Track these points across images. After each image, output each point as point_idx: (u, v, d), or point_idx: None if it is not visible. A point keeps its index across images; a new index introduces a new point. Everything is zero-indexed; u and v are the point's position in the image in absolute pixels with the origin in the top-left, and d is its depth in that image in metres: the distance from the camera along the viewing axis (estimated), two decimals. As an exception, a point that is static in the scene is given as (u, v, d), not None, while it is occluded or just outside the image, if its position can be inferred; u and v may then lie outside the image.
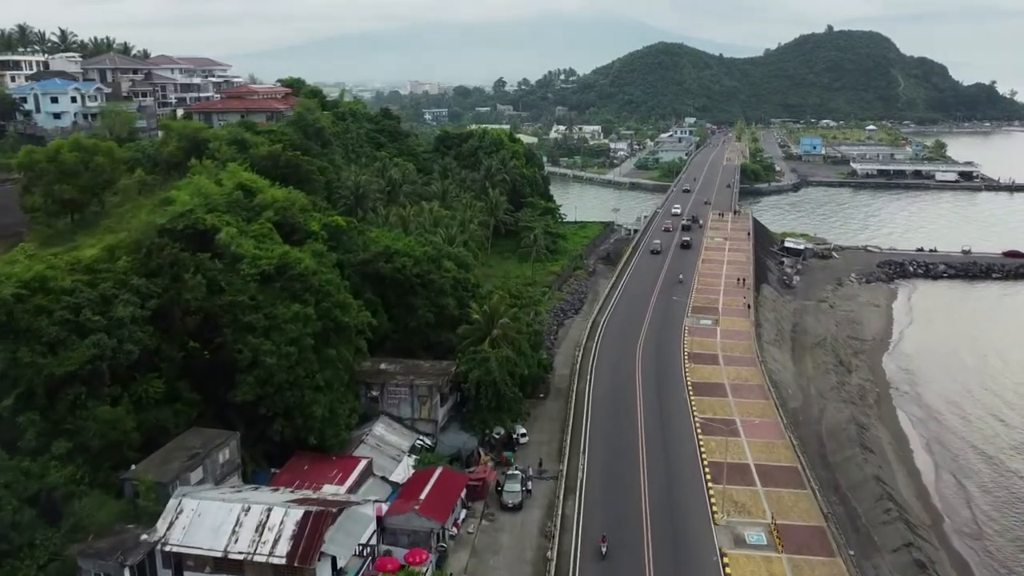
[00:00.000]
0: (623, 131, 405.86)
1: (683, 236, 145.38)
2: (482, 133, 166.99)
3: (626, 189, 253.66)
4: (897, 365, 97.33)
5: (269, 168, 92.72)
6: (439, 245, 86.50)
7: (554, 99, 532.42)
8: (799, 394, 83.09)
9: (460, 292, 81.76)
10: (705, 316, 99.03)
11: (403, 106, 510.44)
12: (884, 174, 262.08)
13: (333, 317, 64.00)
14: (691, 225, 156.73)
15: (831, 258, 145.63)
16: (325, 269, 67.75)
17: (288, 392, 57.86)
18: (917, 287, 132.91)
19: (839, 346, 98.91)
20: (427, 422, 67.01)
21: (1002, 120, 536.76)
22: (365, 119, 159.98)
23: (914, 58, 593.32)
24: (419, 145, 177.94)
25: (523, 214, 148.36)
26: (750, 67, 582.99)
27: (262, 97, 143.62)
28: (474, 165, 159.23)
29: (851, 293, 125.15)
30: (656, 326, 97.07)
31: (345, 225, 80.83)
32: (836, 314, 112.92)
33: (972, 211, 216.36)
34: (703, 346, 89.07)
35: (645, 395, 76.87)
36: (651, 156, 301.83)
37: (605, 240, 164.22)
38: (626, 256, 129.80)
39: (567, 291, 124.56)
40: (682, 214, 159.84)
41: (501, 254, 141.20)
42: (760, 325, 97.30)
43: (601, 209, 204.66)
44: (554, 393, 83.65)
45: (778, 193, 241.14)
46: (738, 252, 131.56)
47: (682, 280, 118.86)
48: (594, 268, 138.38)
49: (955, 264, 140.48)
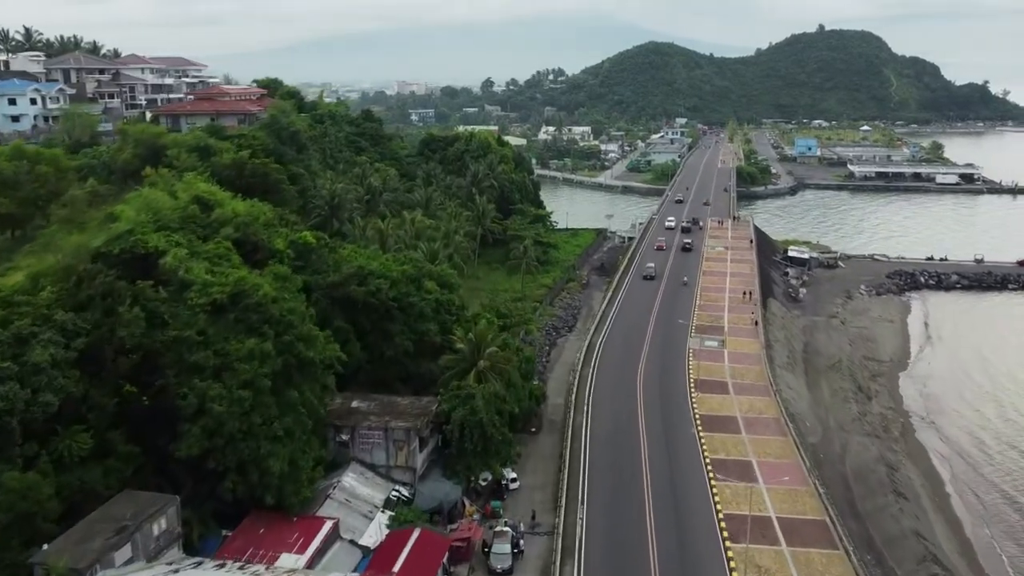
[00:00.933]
0: (613, 132, 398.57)
1: (684, 239, 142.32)
2: (469, 136, 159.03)
3: (618, 193, 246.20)
4: (918, 390, 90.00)
5: (233, 177, 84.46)
6: (420, 263, 78.45)
7: (543, 99, 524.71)
8: (818, 427, 75.53)
9: (443, 316, 73.77)
10: (711, 336, 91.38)
11: (389, 107, 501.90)
12: (883, 176, 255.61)
13: (296, 352, 55.86)
14: (691, 227, 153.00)
15: (837, 268, 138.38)
16: (288, 295, 59.58)
17: (241, 443, 49.75)
18: (930, 299, 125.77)
19: (855, 369, 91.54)
20: (404, 470, 58.97)
21: (995, 120, 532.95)
22: (345, 122, 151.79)
23: (906, 58, 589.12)
24: (403, 148, 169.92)
25: (512, 222, 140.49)
26: (741, 67, 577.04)
27: (234, 99, 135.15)
28: (460, 170, 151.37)
29: (862, 307, 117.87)
30: (657, 348, 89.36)
31: (314, 242, 72.71)
32: (849, 331, 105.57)
33: (976, 215, 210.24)
34: (710, 372, 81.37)
35: (649, 432, 69.09)
36: (643, 158, 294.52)
37: (598, 249, 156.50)
38: (622, 268, 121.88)
39: (560, 306, 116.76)
40: (676, 227, 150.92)
41: (489, 264, 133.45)
42: (771, 346, 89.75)
43: (593, 215, 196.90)
44: (547, 426, 75.88)
45: (775, 197, 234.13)
46: (741, 263, 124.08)
47: (687, 282, 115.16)
48: (588, 280, 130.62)
49: (968, 274, 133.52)
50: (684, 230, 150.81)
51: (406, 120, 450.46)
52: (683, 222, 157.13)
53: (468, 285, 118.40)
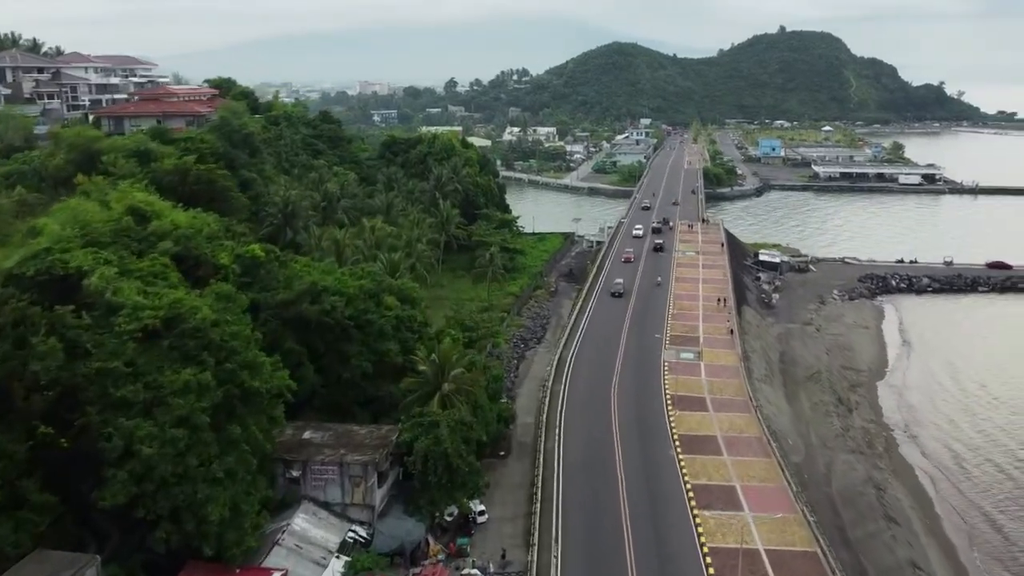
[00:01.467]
0: (578, 133, 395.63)
1: (655, 239, 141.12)
2: (431, 138, 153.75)
3: (584, 195, 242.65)
4: (897, 400, 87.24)
5: (175, 185, 78.44)
6: (379, 276, 73.22)
7: (507, 100, 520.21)
8: (800, 444, 71.96)
9: (404, 334, 68.70)
10: (686, 348, 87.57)
11: (350, 107, 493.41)
12: (847, 177, 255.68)
13: (239, 382, 50.32)
14: (661, 228, 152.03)
15: (809, 271, 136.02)
16: (232, 317, 54.01)
17: (175, 488, 44.22)
18: (903, 303, 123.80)
19: (834, 379, 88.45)
20: (362, 508, 53.82)
21: (951, 120, 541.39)
22: (302, 123, 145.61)
23: (865, 59, 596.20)
24: (364, 150, 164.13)
25: (477, 227, 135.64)
26: (704, 67, 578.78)
27: (182, 99, 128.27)
28: (423, 173, 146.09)
29: (836, 312, 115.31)
30: (631, 361, 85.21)
31: (264, 256, 67.09)
32: (824, 339, 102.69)
33: (939, 216, 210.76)
34: (687, 387, 77.41)
35: (625, 455, 64.76)
36: (609, 159, 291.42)
37: (566, 254, 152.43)
38: (591, 277, 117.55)
39: (528, 315, 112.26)
40: (644, 235, 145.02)
41: (454, 272, 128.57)
42: (748, 358, 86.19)
43: (560, 218, 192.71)
44: (517, 448, 71.28)
45: (741, 198, 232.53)
46: (713, 268, 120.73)
47: (660, 283, 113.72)
48: (556, 287, 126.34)
49: (939, 277, 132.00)
50: (655, 231, 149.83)
51: (368, 121, 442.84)
52: (653, 223, 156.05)
53: (432, 294, 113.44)
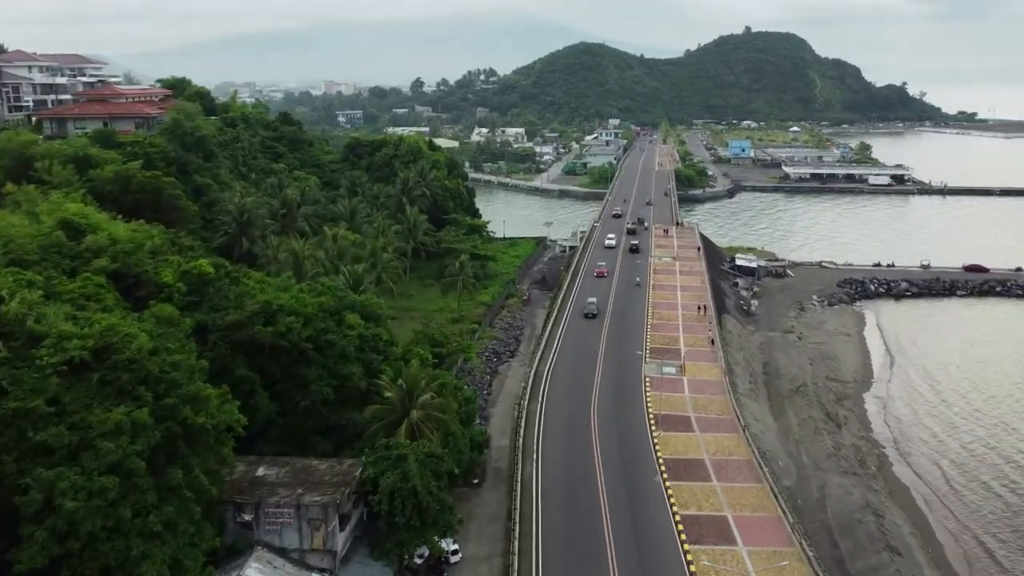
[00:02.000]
0: (547, 134, 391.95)
1: (630, 240, 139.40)
2: (397, 140, 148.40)
3: (555, 197, 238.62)
4: (885, 414, 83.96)
5: (116, 194, 72.58)
6: (341, 292, 67.96)
7: (474, 100, 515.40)
8: (791, 465, 68.17)
9: (368, 355, 63.55)
10: (667, 362, 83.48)
11: (314, 108, 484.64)
12: (817, 178, 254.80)
13: (181, 419, 44.95)
14: (636, 228, 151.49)
15: (786, 276, 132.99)
16: (173, 344, 48.58)
17: (106, 545, 38.88)
18: (882, 309, 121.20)
19: (820, 392, 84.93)
20: (322, 554, 48.67)
21: (914, 121, 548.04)
22: (261, 125, 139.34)
23: (829, 60, 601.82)
24: (327, 153, 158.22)
25: (446, 233, 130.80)
26: (671, 68, 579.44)
27: (131, 101, 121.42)
28: (389, 177, 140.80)
29: (817, 319, 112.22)
30: (611, 376, 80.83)
31: (213, 272, 61.57)
32: (807, 348, 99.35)
33: (909, 217, 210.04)
34: (670, 404, 73.24)
35: (608, 482, 60.28)
36: (579, 161, 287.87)
37: (539, 259, 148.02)
38: (564, 288, 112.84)
39: (500, 326, 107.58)
40: (616, 244, 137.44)
41: (422, 280, 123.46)
42: (732, 371, 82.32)
43: (531, 222, 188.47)
44: (492, 475, 66.68)
45: (713, 200, 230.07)
46: (691, 275, 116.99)
47: (639, 283, 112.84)
48: (529, 295, 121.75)
49: (917, 281, 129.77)
50: (629, 231, 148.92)
51: (333, 122, 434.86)
52: (628, 224, 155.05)
53: (399, 305, 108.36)
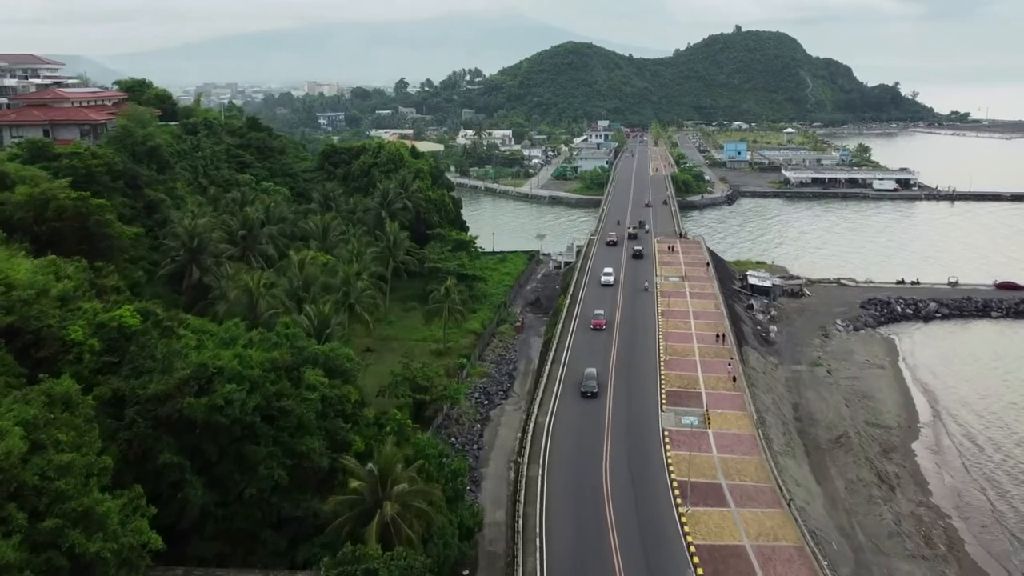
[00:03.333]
0: (535, 136, 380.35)
1: (634, 247, 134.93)
2: (377, 147, 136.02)
3: (545, 204, 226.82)
4: (940, 470, 72.55)
5: (29, 222, 59.97)
6: (300, 341, 55.61)
7: (460, 101, 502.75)
8: (846, 547, 56.56)
9: (333, 423, 51.36)
10: (687, 410, 71.78)
11: (295, 109, 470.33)
12: (818, 183, 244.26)
13: (68, 547, 32.90)
14: (637, 233, 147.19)
15: (804, 296, 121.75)
16: (65, 437, 36.47)
17: None
18: (913, 334, 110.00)
19: (864, 442, 73.56)
20: None
21: (907, 121, 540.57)
22: (226, 132, 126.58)
23: (820, 59, 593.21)
24: (304, 159, 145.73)
25: (430, 250, 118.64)
26: (660, 68, 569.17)
27: (77, 105, 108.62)
28: (367, 188, 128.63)
29: (844, 348, 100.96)
30: (622, 429, 68.96)
31: (137, 324, 49.29)
32: (840, 385, 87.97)
33: (919, 225, 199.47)
34: (697, 468, 61.41)
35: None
36: (569, 165, 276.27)
37: (531, 276, 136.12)
38: (565, 309, 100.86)
39: (492, 359, 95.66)
40: (615, 281, 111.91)
41: (403, 303, 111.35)
42: (763, 421, 70.68)
43: (522, 232, 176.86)
44: (486, 562, 55.03)
45: (712, 207, 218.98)
46: (703, 298, 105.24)
47: (648, 288, 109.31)
48: (522, 320, 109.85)
49: (946, 301, 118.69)
50: (631, 236, 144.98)
51: (314, 124, 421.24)
52: (628, 228, 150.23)
53: (378, 333, 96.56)
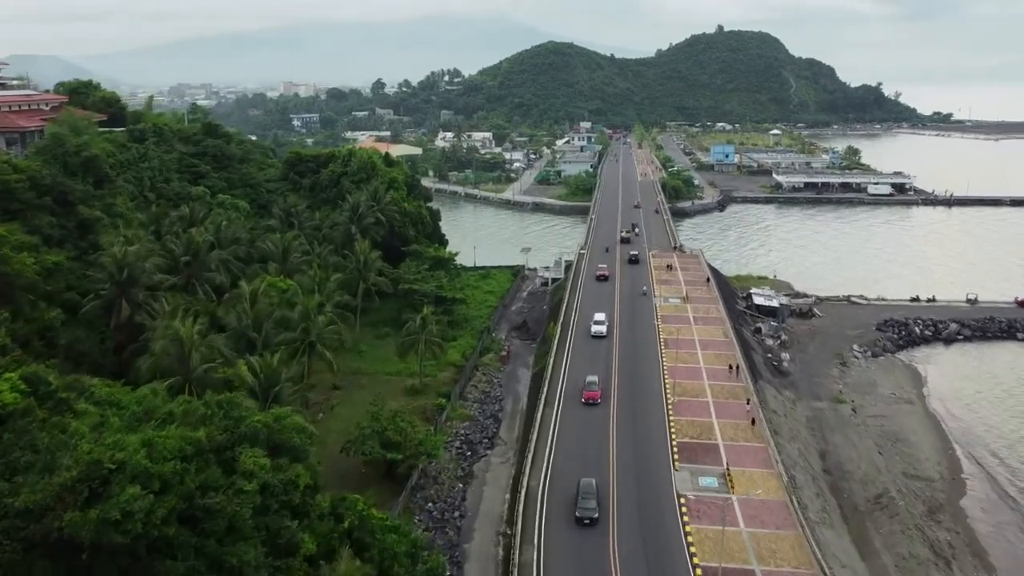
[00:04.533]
0: (517, 138, 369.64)
1: (630, 252, 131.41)
2: (347, 155, 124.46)
3: (528, 211, 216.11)
4: (999, 536, 62.73)
5: None
6: (237, 410, 44.31)
7: (439, 102, 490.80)
8: (911, 654, 46.42)
9: (276, 518, 40.33)
10: (704, 468, 61.34)
11: (267, 111, 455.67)
12: (811, 187, 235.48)
13: None
14: (630, 237, 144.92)
15: (814, 316, 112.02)
16: None
17: None
18: (935, 359, 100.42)
19: (908, 502, 63.55)
20: None
21: (890, 122, 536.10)
22: (178, 139, 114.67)
23: (803, 59, 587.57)
24: (270, 166, 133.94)
25: (405, 269, 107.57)
26: (643, 68, 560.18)
27: (3, 111, 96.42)
28: (336, 199, 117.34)
29: (865, 378, 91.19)
30: (631, 497, 58.22)
31: (15, 403, 37.95)
32: (868, 426, 78.02)
33: (919, 232, 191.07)
34: (726, 548, 50.96)
35: None
36: (553, 169, 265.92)
37: (516, 295, 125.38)
38: (557, 339, 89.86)
39: (474, 397, 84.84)
40: (608, 332, 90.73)
41: (375, 328, 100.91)
42: (795, 483, 60.33)
43: (505, 244, 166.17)
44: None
45: (703, 213, 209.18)
46: (709, 323, 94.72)
47: (645, 292, 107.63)
48: (508, 348, 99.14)
49: (967, 321, 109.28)
50: (623, 240, 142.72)
51: (287, 127, 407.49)
52: (621, 233, 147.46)
53: (346, 366, 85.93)
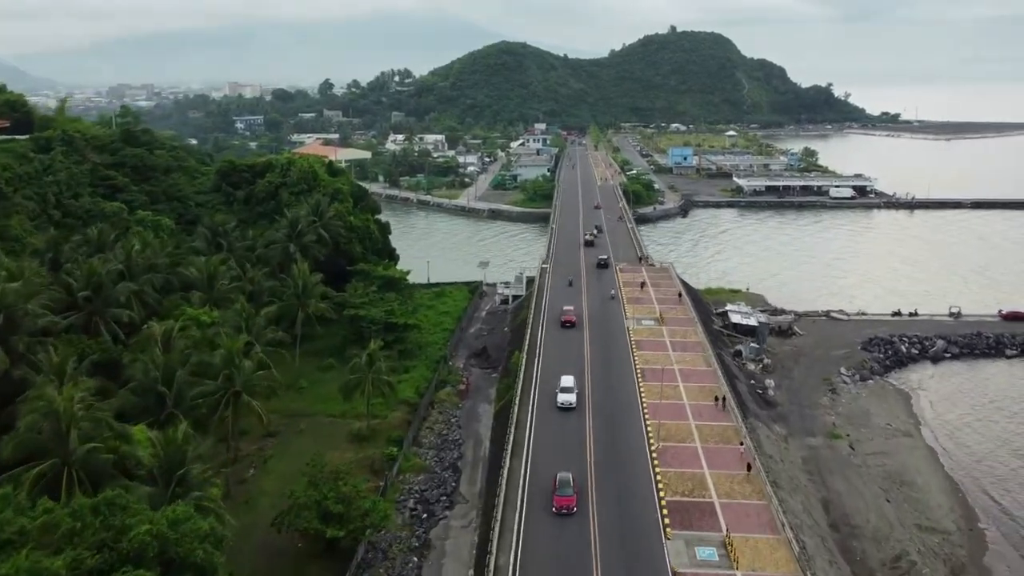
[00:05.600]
0: (470, 140, 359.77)
1: (599, 257, 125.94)
2: (286, 165, 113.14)
3: (485, 218, 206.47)
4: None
5: None
6: (123, 515, 33.87)
7: (389, 103, 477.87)
8: None
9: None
10: (701, 536, 52.39)
11: (208, 113, 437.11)
12: (773, 191, 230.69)
13: None
14: (594, 240, 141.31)
15: (794, 334, 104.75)
16: None
17: None
18: (925, 382, 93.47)
19: (929, 564, 55.71)
20: None
21: (840, 122, 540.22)
22: (92, 148, 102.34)
23: (755, 60, 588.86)
24: (205, 176, 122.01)
25: (351, 292, 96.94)
26: (596, 69, 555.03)
27: None
28: (275, 213, 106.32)
29: (858, 408, 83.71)
30: (617, 572, 49.25)
31: None
32: (869, 467, 70.26)
33: (882, 235, 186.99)
34: (735, 650, 42.19)
35: None
36: (508, 174, 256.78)
37: (474, 315, 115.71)
38: (523, 369, 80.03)
39: (430, 441, 75.03)
40: (575, 403, 71.76)
41: (318, 358, 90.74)
42: (805, 549, 51.82)
43: (461, 256, 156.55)
44: None
45: (665, 219, 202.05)
46: (688, 349, 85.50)
47: (614, 296, 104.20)
48: (467, 380, 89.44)
49: (953, 338, 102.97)
50: (587, 243, 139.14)
51: (230, 130, 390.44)
52: (585, 236, 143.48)
53: (283, 407, 75.77)
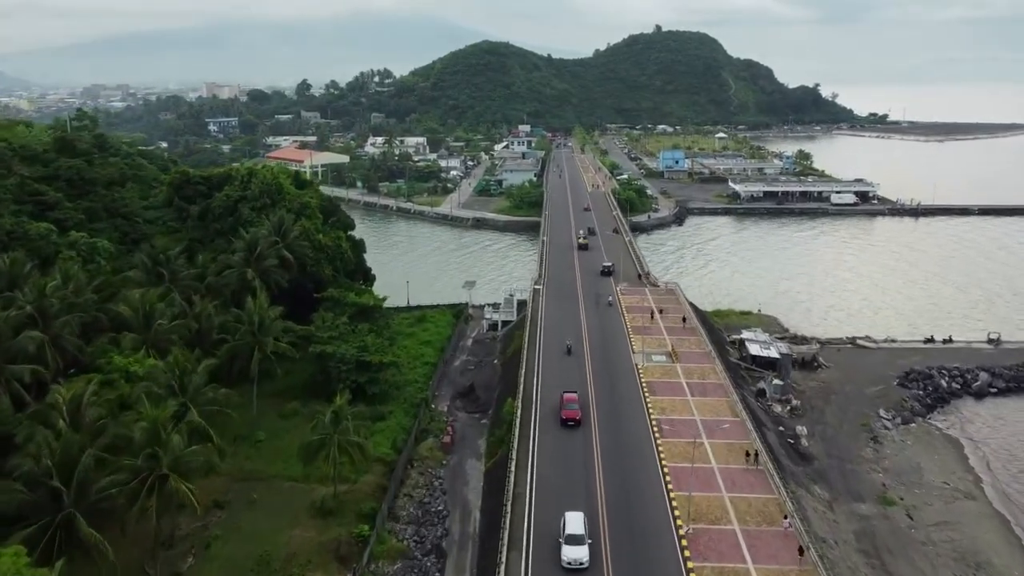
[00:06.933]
0: (453, 143, 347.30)
1: (603, 264, 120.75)
2: (246, 176, 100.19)
3: (469, 227, 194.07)
4: None
5: None
6: None
7: (368, 104, 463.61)
8: None
9: None
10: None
11: (180, 115, 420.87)
12: (771, 197, 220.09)
13: None
14: (588, 243, 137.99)
15: (820, 367, 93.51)
16: None
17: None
18: (974, 424, 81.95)
19: None
20: None
21: (829, 123, 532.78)
22: (19, 159, 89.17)
23: (741, 60, 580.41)
24: (161, 183, 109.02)
25: (319, 324, 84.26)
26: (580, 69, 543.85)
27: None
28: (234, 230, 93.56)
29: (905, 460, 72.25)
30: None
31: None
32: (936, 544, 58.79)
33: (899, 248, 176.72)
34: None
35: None
36: (493, 178, 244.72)
37: (459, 343, 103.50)
38: (519, 420, 68.04)
39: (408, 514, 62.77)
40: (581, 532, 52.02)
41: (280, 400, 78.74)
42: None
43: (444, 271, 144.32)
44: None
45: (661, 228, 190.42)
46: (708, 392, 73.62)
47: (611, 303, 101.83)
48: (452, 428, 77.27)
49: (997, 370, 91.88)
50: (581, 247, 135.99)
51: (202, 132, 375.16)
52: (579, 239, 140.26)
53: (236, 466, 64.08)
